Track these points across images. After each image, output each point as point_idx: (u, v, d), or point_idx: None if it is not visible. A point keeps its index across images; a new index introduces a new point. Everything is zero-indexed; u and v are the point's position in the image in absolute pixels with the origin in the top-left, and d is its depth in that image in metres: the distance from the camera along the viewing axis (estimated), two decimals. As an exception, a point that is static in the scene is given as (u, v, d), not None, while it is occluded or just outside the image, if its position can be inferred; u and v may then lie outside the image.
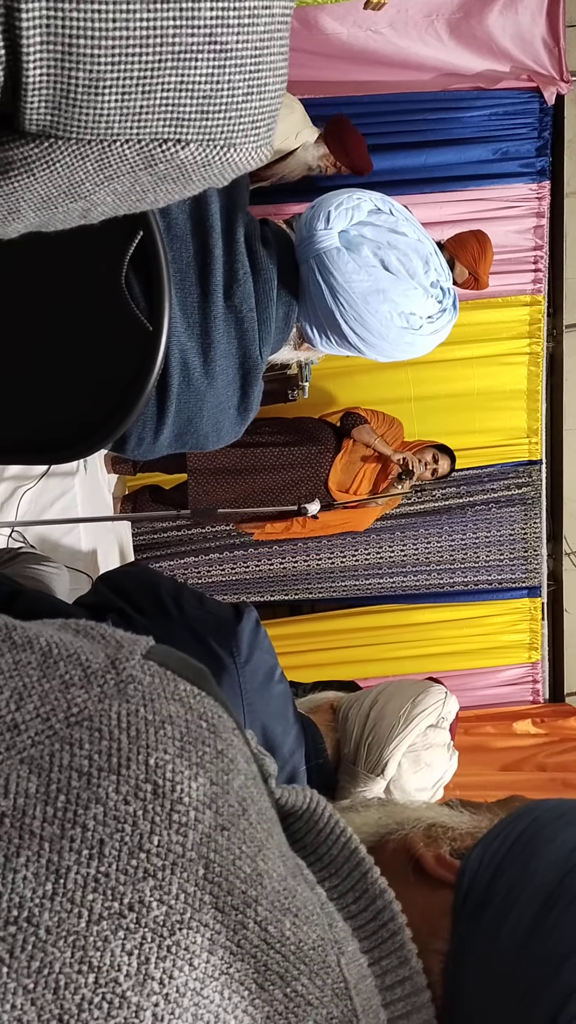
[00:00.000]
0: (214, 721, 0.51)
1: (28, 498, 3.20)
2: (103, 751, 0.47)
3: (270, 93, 0.60)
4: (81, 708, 0.48)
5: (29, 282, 1.34)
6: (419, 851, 0.58)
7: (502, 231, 4.36)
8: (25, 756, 0.46)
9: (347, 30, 4.11)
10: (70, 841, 0.44)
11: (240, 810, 0.49)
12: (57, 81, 0.52)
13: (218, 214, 1.48)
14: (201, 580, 4.80)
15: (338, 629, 4.91)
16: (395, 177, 4.31)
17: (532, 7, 4.14)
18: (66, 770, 0.46)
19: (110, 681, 0.50)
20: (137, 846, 0.44)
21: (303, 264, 1.66)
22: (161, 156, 0.58)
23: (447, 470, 4.10)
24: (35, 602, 1.32)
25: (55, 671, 0.50)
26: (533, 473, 4.82)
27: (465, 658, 4.86)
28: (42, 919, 0.42)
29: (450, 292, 1.75)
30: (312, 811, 0.58)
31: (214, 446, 1.61)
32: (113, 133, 0.56)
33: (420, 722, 1.49)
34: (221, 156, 0.60)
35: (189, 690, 0.52)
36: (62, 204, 0.61)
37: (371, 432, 3.96)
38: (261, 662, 1.24)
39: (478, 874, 0.54)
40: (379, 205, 1.69)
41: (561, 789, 4.40)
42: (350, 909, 0.53)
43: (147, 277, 1.35)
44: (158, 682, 0.51)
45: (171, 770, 0.47)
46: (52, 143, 0.56)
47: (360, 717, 1.53)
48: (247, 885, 0.46)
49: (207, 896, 0.45)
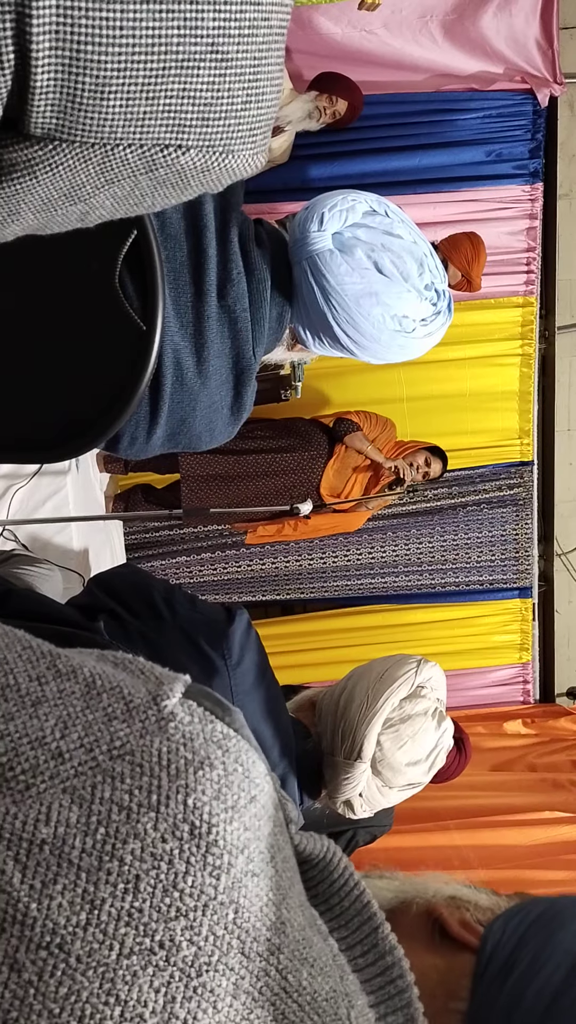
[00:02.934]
0: (248, 766, 0.52)
1: (20, 496, 3.19)
2: (143, 787, 0.47)
3: (267, 102, 0.61)
4: (124, 742, 0.49)
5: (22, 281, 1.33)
6: (443, 914, 0.60)
7: (495, 232, 4.36)
8: (68, 785, 0.47)
9: (341, 30, 4.12)
10: (107, 874, 0.44)
11: (269, 857, 0.49)
12: (64, 86, 0.53)
13: (212, 214, 1.47)
14: (193, 580, 4.80)
15: (330, 629, 4.91)
16: (388, 178, 4.31)
17: (526, 9, 4.15)
18: (107, 803, 0.46)
19: (151, 717, 0.50)
20: (172, 884, 0.45)
21: (296, 265, 1.66)
22: (162, 161, 0.60)
23: (439, 472, 4.11)
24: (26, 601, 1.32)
25: (98, 703, 0.51)
26: (525, 474, 4.83)
27: (456, 658, 4.87)
28: (74, 947, 0.42)
29: (445, 294, 1.75)
30: (328, 861, 0.58)
31: (207, 446, 1.60)
32: (116, 137, 0.57)
33: (391, 695, 1.46)
34: (220, 162, 0.62)
35: (225, 732, 0.52)
36: (62, 207, 0.62)
37: (363, 439, 3.96)
38: (252, 664, 1.24)
39: (501, 942, 0.57)
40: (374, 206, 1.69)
41: (551, 789, 4.41)
42: (358, 962, 0.54)
43: (141, 276, 1.34)
44: (197, 722, 0.52)
45: (208, 812, 0.47)
46: (56, 146, 0.57)
47: (331, 706, 1.51)
48: (272, 932, 0.47)
49: (235, 940, 0.45)
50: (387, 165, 4.32)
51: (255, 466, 3.98)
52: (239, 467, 3.97)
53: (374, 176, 4.29)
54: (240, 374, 1.55)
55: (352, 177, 4.26)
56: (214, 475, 3.96)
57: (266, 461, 3.99)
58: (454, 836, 3.99)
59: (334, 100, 3.80)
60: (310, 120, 3.83)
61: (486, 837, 4.01)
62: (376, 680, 1.48)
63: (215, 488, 3.97)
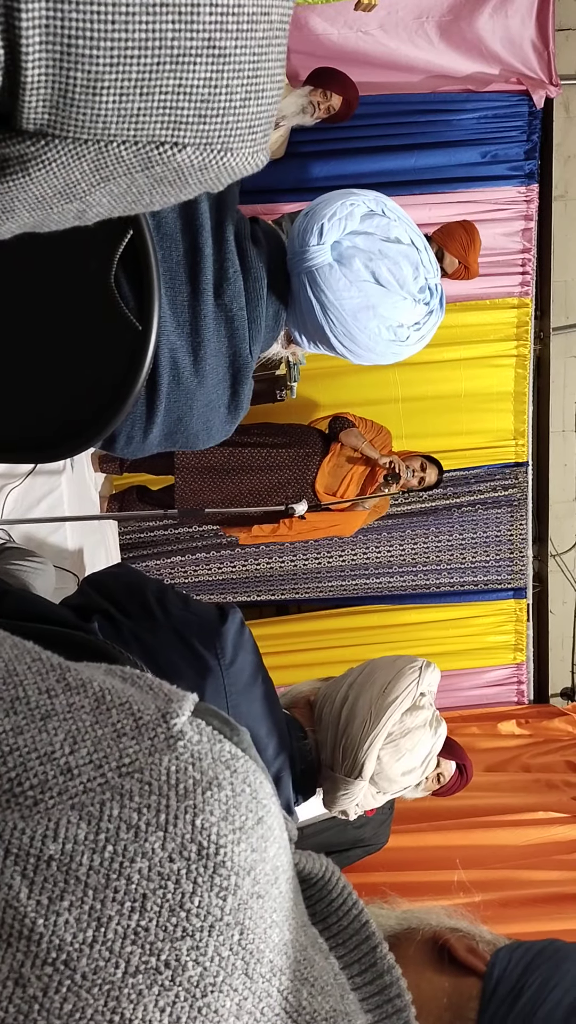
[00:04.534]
0: (256, 787, 0.52)
1: (14, 496, 3.19)
2: (152, 806, 0.47)
3: (267, 99, 0.60)
4: (133, 759, 0.49)
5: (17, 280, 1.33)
6: (450, 940, 0.61)
7: (490, 233, 4.36)
8: (76, 802, 0.47)
9: (337, 31, 4.12)
10: (114, 892, 0.44)
11: (273, 878, 0.49)
12: (56, 81, 0.52)
13: (208, 213, 1.47)
14: (188, 580, 4.79)
15: (324, 629, 4.91)
16: (384, 179, 4.31)
17: (522, 10, 4.15)
18: (116, 821, 0.46)
19: (160, 735, 0.50)
20: (178, 904, 0.45)
21: (295, 277, 1.66)
22: (158, 159, 0.58)
23: (434, 480, 4.08)
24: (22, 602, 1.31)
25: (108, 718, 0.50)
26: (519, 475, 4.83)
27: (451, 659, 4.87)
28: (79, 964, 0.42)
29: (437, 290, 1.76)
30: (327, 880, 0.59)
31: (204, 445, 1.60)
32: (110, 134, 0.56)
33: (393, 712, 1.46)
34: (218, 160, 0.60)
35: (233, 752, 0.52)
36: (57, 205, 0.61)
37: (359, 435, 3.96)
38: (246, 663, 1.23)
39: (508, 968, 0.59)
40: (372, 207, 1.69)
41: (545, 790, 4.41)
42: (356, 981, 0.54)
43: (137, 276, 1.34)
44: (205, 741, 0.51)
45: (216, 833, 0.47)
46: (48, 142, 0.56)
47: (333, 718, 1.50)
48: (275, 954, 0.47)
49: (239, 961, 0.45)
50: (383, 165, 4.32)
51: (250, 459, 3.97)
52: (234, 460, 3.96)
53: (370, 176, 4.29)
54: (237, 373, 1.55)
55: (348, 177, 4.26)
56: (209, 467, 3.95)
57: (261, 455, 3.98)
58: (449, 836, 3.99)
59: (328, 95, 3.79)
60: (304, 115, 3.82)
61: (480, 837, 4.02)
62: (379, 695, 1.47)
63: (209, 481, 3.95)
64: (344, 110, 3.85)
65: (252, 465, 3.97)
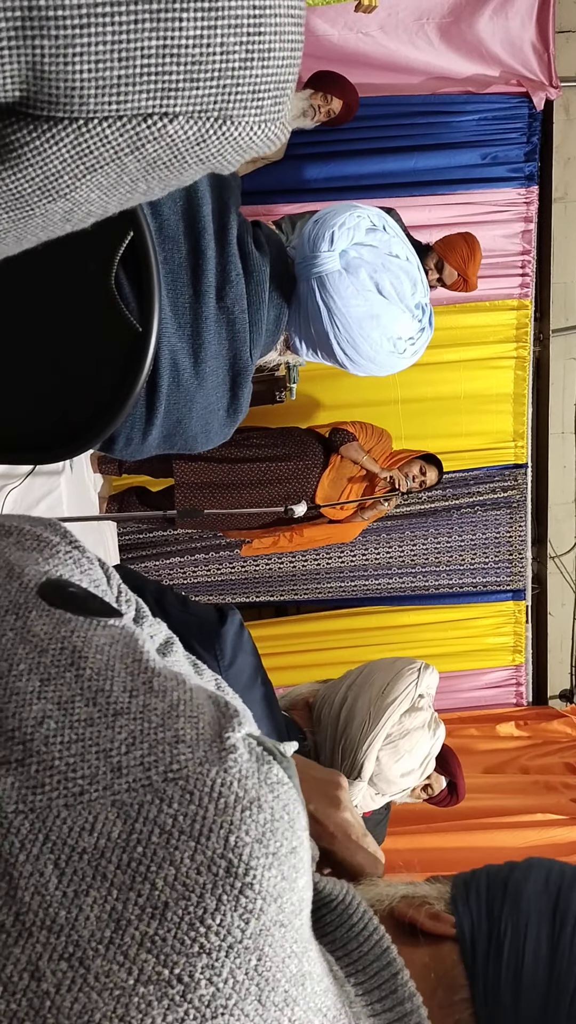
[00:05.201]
0: (294, 816, 0.51)
1: (13, 497, 3.19)
2: (189, 814, 0.47)
3: (275, 60, 0.51)
4: (182, 766, 0.49)
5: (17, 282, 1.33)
6: (410, 914, 0.61)
7: (490, 235, 4.37)
8: (117, 800, 0.47)
9: (338, 32, 4.12)
10: (136, 895, 0.44)
11: (298, 910, 0.49)
12: (20, 51, 0.45)
13: (210, 215, 1.47)
14: (187, 581, 4.79)
15: (323, 630, 4.91)
16: (384, 180, 4.31)
17: (522, 12, 4.15)
18: (150, 823, 0.46)
19: (215, 747, 0.50)
20: (198, 919, 0.44)
21: (303, 282, 1.67)
22: (148, 135, 0.50)
23: (435, 480, 4.08)
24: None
25: (174, 723, 0.51)
26: (519, 477, 4.83)
27: (449, 660, 4.87)
28: (94, 964, 0.42)
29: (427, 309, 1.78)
30: (347, 904, 0.58)
31: (203, 447, 1.60)
32: (89, 110, 0.48)
33: (392, 713, 1.46)
34: (216, 131, 0.52)
35: (280, 776, 0.52)
36: (38, 204, 0.54)
37: (359, 449, 3.95)
38: (245, 664, 1.23)
39: (474, 922, 0.59)
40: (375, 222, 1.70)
41: (543, 792, 4.41)
42: (375, 1007, 0.54)
43: (137, 278, 1.34)
44: (255, 760, 0.51)
45: (248, 854, 0.47)
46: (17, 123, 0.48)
47: (332, 719, 1.50)
48: (291, 984, 0.46)
49: (254, 987, 0.44)
50: (383, 167, 4.32)
51: (249, 475, 3.97)
52: (233, 475, 3.96)
53: (370, 178, 4.29)
54: (237, 376, 1.55)
55: (348, 179, 4.26)
56: (208, 483, 3.95)
57: (260, 470, 3.97)
58: (447, 838, 3.99)
59: (329, 99, 3.79)
60: (304, 118, 3.82)
61: (478, 839, 4.01)
62: (378, 696, 1.48)
63: (209, 496, 3.95)
64: (344, 114, 3.85)
65: (252, 480, 3.97)
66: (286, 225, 3.52)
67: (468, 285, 3.62)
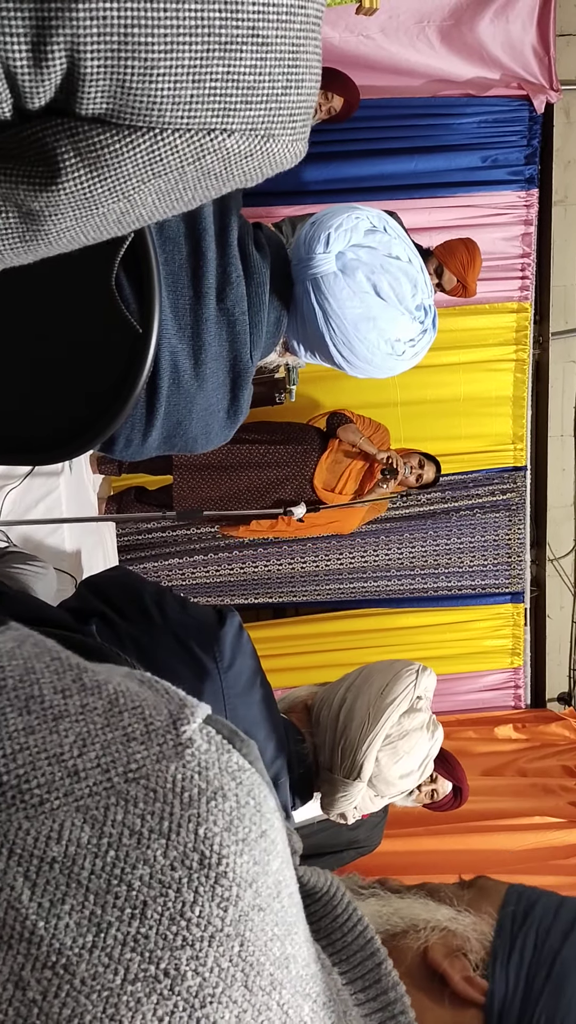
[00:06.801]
0: (260, 800, 0.52)
1: (12, 497, 3.19)
2: (156, 813, 0.47)
3: (306, 89, 0.63)
4: (140, 764, 0.49)
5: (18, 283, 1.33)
6: (446, 970, 0.59)
7: (490, 238, 4.37)
8: (81, 805, 0.47)
9: (338, 35, 4.12)
10: (115, 897, 0.44)
11: (275, 892, 0.49)
12: (113, 71, 0.55)
13: (211, 217, 1.47)
14: (185, 582, 4.79)
15: (322, 632, 4.90)
16: (384, 183, 4.32)
17: (523, 15, 4.16)
18: (119, 826, 0.46)
19: (169, 741, 0.50)
20: (179, 913, 0.45)
21: (298, 284, 1.67)
22: (209, 147, 0.61)
23: (432, 478, 4.09)
24: (19, 604, 1.31)
25: (119, 721, 0.50)
26: (518, 479, 4.84)
27: (448, 663, 4.87)
28: (79, 969, 0.42)
29: (430, 310, 1.77)
30: (332, 895, 0.58)
31: (203, 449, 1.61)
32: (164, 121, 0.58)
33: (391, 713, 1.46)
34: (261, 146, 0.63)
35: (240, 763, 0.52)
36: (104, 203, 0.63)
37: (356, 431, 3.96)
38: (244, 667, 1.23)
39: (507, 998, 0.57)
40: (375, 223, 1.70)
41: (541, 794, 4.41)
42: (359, 997, 0.54)
43: (138, 279, 1.34)
44: (214, 750, 0.51)
45: (219, 843, 0.47)
46: (105, 130, 0.58)
47: (331, 720, 1.50)
48: (275, 967, 0.47)
49: (239, 973, 0.45)
50: (383, 169, 4.32)
51: (248, 457, 3.97)
52: (232, 457, 3.95)
53: (370, 180, 4.29)
54: (237, 377, 1.55)
55: (348, 180, 4.27)
56: (206, 465, 3.95)
57: (259, 452, 3.97)
58: (445, 841, 3.99)
59: (329, 96, 3.77)
60: None
61: (477, 842, 4.02)
62: (377, 696, 1.48)
63: (207, 478, 3.95)
64: (345, 111, 3.84)
65: (250, 462, 3.96)
66: (286, 227, 3.52)
67: (467, 291, 3.62)
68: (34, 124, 0.59)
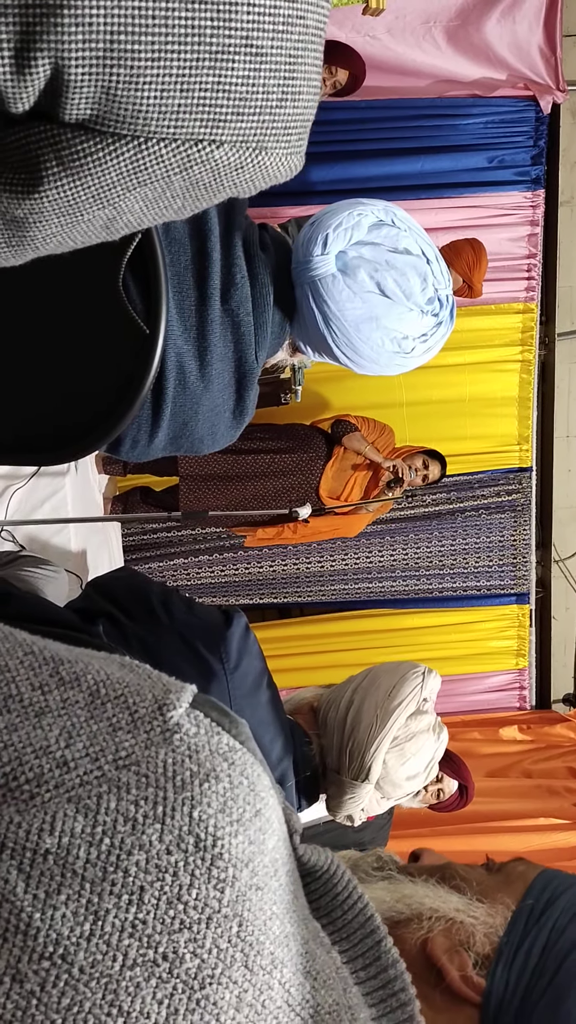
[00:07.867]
0: (254, 779, 0.52)
1: (18, 497, 3.19)
2: (149, 798, 0.47)
3: (303, 102, 0.61)
4: (129, 752, 0.49)
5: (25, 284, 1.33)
6: (444, 964, 0.59)
7: (496, 239, 4.37)
8: (73, 795, 0.47)
9: (345, 35, 4.12)
10: (111, 885, 0.44)
11: (272, 871, 0.49)
12: (99, 78, 0.53)
13: (216, 218, 1.47)
14: (190, 582, 4.79)
15: (327, 633, 4.90)
16: (390, 183, 4.31)
17: (530, 16, 4.15)
18: (112, 813, 0.46)
19: (156, 728, 0.50)
20: (176, 897, 0.45)
21: (298, 287, 1.66)
22: (197, 158, 0.59)
23: (438, 475, 4.10)
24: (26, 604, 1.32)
25: (103, 712, 0.50)
26: (523, 480, 4.83)
27: (453, 664, 4.86)
28: (77, 958, 0.42)
29: (447, 301, 1.76)
30: (332, 874, 0.58)
31: (209, 449, 1.61)
32: (150, 130, 0.56)
33: (399, 715, 1.47)
34: (253, 159, 0.61)
35: (231, 744, 0.52)
36: (88, 210, 0.61)
37: (361, 439, 3.96)
38: (250, 668, 1.23)
39: (504, 1000, 0.56)
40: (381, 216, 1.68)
41: (546, 796, 4.40)
42: (359, 975, 0.54)
43: (144, 280, 1.34)
44: (203, 733, 0.51)
45: (214, 824, 0.47)
46: (88, 136, 0.56)
47: (338, 722, 1.50)
48: (275, 946, 0.47)
49: (238, 953, 0.45)
50: (389, 169, 4.32)
51: (254, 466, 3.97)
52: (238, 467, 3.96)
53: (376, 180, 4.29)
54: (242, 378, 1.55)
55: (354, 180, 4.26)
56: (212, 475, 3.95)
57: (265, 462, 3.98)
58: (450, 842, 3.98)
59: (334, 71, 3.72)
60: None
61: (481, 843, 4.01)
62: (384, 698, 1.48)
63: (213, 488, 3.96)
64: (351, 84, 3.79)
65: (256, 472, 3.97)
66: (292, 228, 3.52)
67: (473, 292, 3.62)
68: (17, 129, 0.58)
